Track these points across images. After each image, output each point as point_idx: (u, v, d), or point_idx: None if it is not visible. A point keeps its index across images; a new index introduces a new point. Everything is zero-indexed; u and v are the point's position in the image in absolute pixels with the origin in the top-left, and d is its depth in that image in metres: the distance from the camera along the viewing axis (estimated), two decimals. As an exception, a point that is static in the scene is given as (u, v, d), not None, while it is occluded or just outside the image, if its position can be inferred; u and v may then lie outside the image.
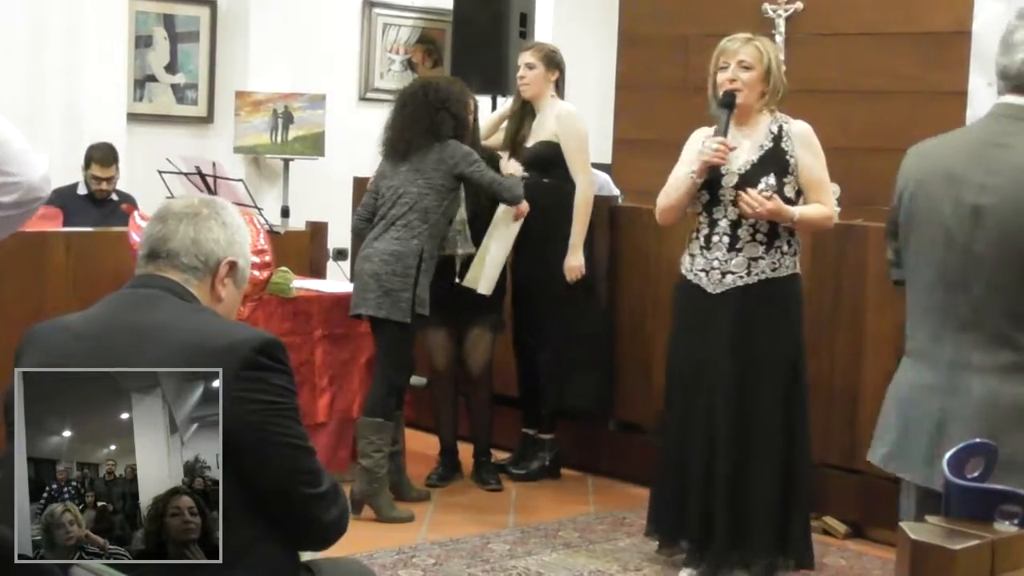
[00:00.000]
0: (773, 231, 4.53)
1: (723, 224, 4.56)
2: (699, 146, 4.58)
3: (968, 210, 2.93)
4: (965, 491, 1.92)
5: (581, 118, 5.96)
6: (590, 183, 5.92)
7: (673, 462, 4.74)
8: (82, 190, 7.18)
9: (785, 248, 4.55)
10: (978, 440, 2.07)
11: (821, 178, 4.59)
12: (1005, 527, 1.86)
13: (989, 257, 2.91)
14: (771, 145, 4.56)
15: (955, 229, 2.95)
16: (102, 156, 7.13)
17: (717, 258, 4.55)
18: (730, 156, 4.51)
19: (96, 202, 7.16)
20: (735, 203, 4.50)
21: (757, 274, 4.53)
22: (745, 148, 4.57)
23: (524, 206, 5.66)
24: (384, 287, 5.37)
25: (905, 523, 1.85)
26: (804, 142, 4.58)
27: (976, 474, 2.00)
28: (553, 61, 5.95)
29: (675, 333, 4.78)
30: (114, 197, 7.22)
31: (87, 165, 7.15)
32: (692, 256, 4.64)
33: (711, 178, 4.54)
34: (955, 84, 6.14)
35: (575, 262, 5.80)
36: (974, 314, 2.94)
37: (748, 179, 4.50)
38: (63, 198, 6.82)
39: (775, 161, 4.54)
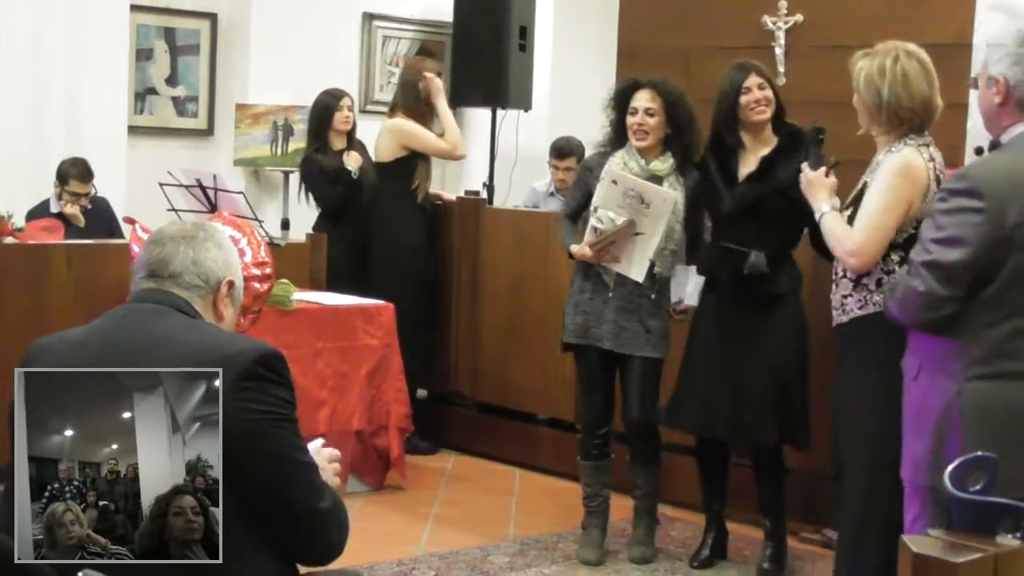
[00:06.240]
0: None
1: None
2: None
3: None
4: (968, 504, 1.92)
5: None
6: None
7: None
8: (54, 208, 6.82)
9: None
10: (979, 453, 2.07)
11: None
12: (1008, 540, 1.86)
13: None
14: None
15: None
16: (80, 172, 6.82)
17: None
18: None
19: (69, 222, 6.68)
20: None
21: None
22: None
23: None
24: None
25: (907, 536, 1.85)
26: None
27: (978, 487, 2.00)
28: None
29: None
30: (87, 205, 6.86)
31: (64, 181, 6.82)
32: None
33: None
34: (955, 96, 6.12)
35: None
36: None
37: None
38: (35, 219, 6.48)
39: None
